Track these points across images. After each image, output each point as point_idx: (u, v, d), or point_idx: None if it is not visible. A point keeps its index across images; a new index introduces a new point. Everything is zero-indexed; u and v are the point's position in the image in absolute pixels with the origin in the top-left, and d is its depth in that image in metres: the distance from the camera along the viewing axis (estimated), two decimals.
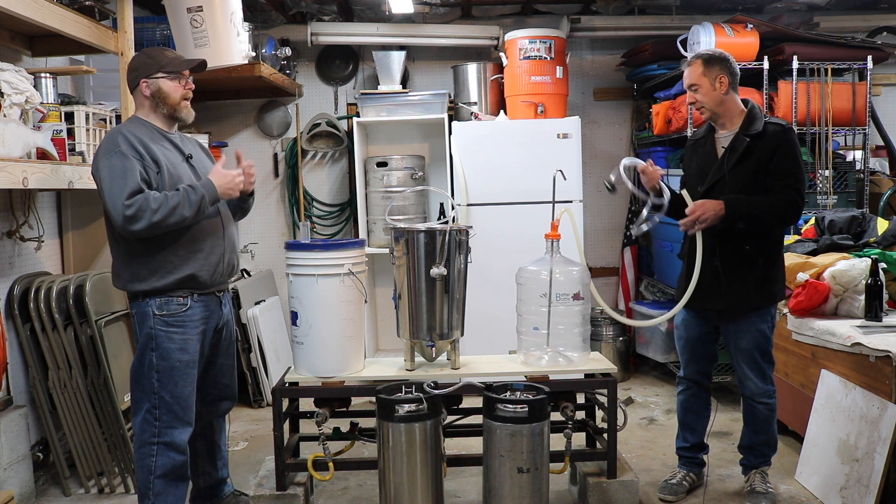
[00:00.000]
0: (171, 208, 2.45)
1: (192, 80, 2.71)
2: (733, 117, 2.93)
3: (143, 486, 2.61)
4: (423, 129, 5.07)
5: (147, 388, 2.59)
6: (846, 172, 4.47)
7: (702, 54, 2.93)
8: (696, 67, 2.90)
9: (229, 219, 2.79)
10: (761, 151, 2.84)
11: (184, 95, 2.66)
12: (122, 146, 2.48)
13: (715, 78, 2.87)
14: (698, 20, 4.67)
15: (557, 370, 2.90)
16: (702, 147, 3.03)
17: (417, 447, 2.55)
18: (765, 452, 3.08)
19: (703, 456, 3.23)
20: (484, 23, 5.23)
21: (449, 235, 2.80)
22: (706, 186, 2.93)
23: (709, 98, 2.89)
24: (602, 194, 5.44)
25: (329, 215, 5.37)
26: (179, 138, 2.74)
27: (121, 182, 2.44)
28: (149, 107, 2.65)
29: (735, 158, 2.87)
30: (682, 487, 3.14)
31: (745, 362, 2.98)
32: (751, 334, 2.95)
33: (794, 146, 2.86)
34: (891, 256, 3.34)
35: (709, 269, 2.89)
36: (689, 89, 2.94)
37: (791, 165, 2.84)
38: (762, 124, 2.87)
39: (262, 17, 4.97)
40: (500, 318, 3.78)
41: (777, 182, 2.83)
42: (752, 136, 2.85)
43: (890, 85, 5.43)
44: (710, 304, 2.96)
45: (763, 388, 2.98)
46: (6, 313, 3.20)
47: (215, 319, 2.75)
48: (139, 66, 2.64)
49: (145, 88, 2.62)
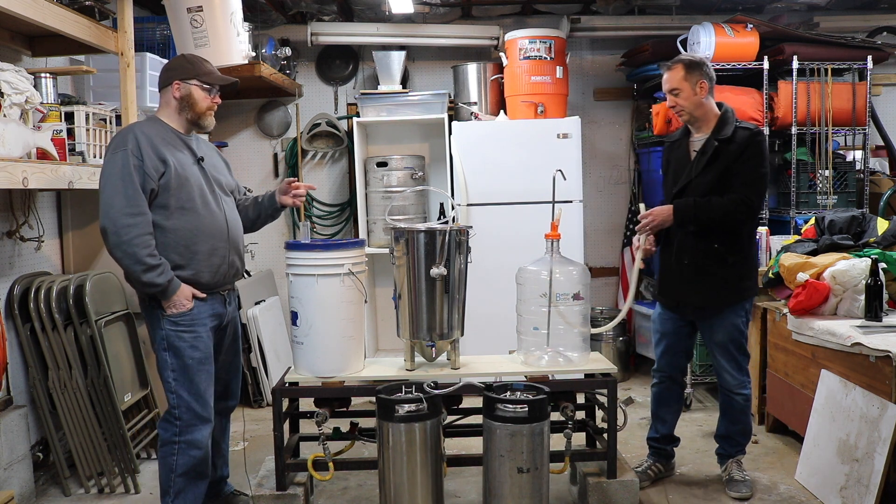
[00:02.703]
0: (139, 259, 2.46)
1: (219, 95, 2.74)
2: (709, 121, 3.02)
3: (165, 483, 2.67)
4: (423, 129, 5.07)
5: (166, 387, 2.66)
6: (846, 172, 4.47)
7: (683, 59, 3.01)
8: (677, 72, 2.98)
9: (235, 220, 2.79)
10: (729, 155, 2.94)
11: (210, 106, 2.70)
12: (129, 145, 2.52)
13: (696, 83, 2.96)
14: (698, 20, 4.67)
15: (557, 370, 2.90)
16: (677, 150, 3.14)
17: (417, 447, 2.55)
18: (740, 441, 3.22)
19: (671, 448, 3.35)
20: (484, 23, 5.23)
21: (449, 235, 2.80)
22: (678, 188, 3.05)
23: (689, 102, 2.98)
24: (602, 194, 5.46)
25: (329, 215, 5.37)
26: (195, 141, 2.76)
27: (118, 182, 2.48)
28: (174, 108, 2.68)
29: (704, 162, 2.98)
30: (647, 476, 3.25)
31: (722, 355, 3.10)
32: (725, 329, 3.06)
33: (761, 150, 2.96)
34: (891, 256, 3.34)
35: (680, 267, 3.05)
36: (669, 93, 3.02)
37: (754, 168, 2.94)
38: (732, 129, 2.96)
39: (262, 17, 4.96)
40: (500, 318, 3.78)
41: (737, 182, 2.93)
42: (722, 140, 2.95)
43: (890, 85, 5.43)
44: (684, 299, 3.09)
45: (739, 379, 3.11)
46: (6, 313, 3.20)
47: (220, 318, 2.77)
48: (177, 67, 2.68)
49: (176, 90, 2.65)
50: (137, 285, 2.59)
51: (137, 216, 2.48)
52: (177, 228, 2.58)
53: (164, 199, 2.56)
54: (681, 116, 3.05)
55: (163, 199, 2.56)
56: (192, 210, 2.60)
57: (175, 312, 2.59)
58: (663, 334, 3.23)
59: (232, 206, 2.81)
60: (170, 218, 2.57)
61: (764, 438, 3.75)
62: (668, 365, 3.24)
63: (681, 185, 3.03)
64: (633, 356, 5.13)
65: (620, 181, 5.43)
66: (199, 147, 2.77)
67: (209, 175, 2.72)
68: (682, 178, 3.04)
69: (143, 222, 2.50)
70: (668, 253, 3.10)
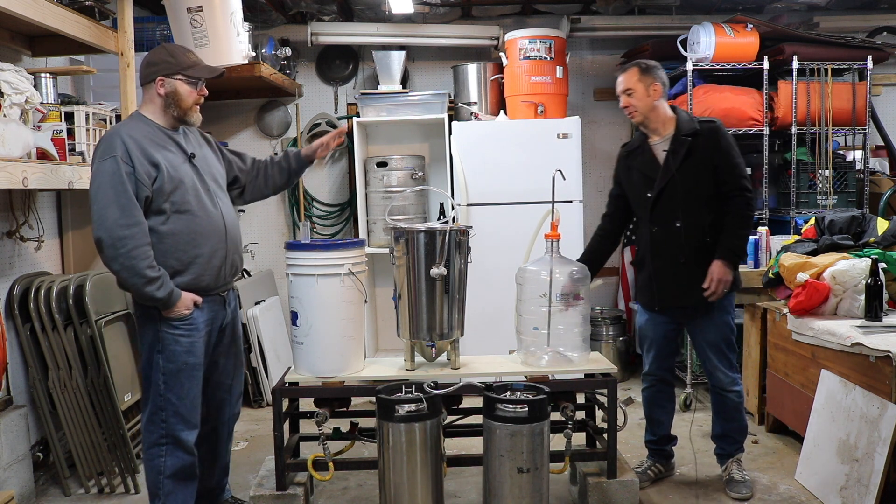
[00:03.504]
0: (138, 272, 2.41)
1: (205, 86, 2.65)
2: (665, 123, 3.08)
3: (154, 486, 2.61)
4: (423, 129, 5.07)
5: (153, 389, 2.58)
6: (846, 172, 4.47)
7: (639, 63, 3.09)
8: (632, 74, 3.06)
9: (232, 219, 2.72)
10: (702, 148, 3.01)
11: (196, 101, 2.60)
12: (118, 151, 2.43)
13: (649, 85, 3.03)
14: (698, 20, 4.67)
15: (557, 370, 2.90)
16: (639, 156, 3.15)
17: (417, 447, 2.55)
18: (737, 439, 3.22)
19: (670, 447, 3.36)
20: (484, 23, 5.23)
21: (449, 235, 2.80)
22: (656, 191, 3.05)
23: (642, 103, 3.04)
24: (602, 194, 5.43)
25: (329, 215, 5.37)
26: (184, 136, 2.65)
27: (111, 192, 2.40)
28: (159, 105, 2.57)
29: (679, 159, 3.01)
30: (647, 476, 3.26)
31: (714, 354, 3.12)
32: (717, 327, 3.09)
33: (729, 138, 3.06)
34: (891, 256, 3.34)
35: (675, 269, 3.06)
36: (623, 94, 3.08)
37: (733, 155, 3.03)
38: (696, 124, 3.04)
39: (262, 17, 4.97)
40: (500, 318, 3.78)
41: (726, 176, 3.00)
42: (690, 134, 3.01)
43: (890, 85, 5.43)
44: (679, 302, 3.10)
45: (731, 377, 3.13)
46: (6, 313, 3.20)
47: (219, 320, 2.72)
48: (159, 62, 2.55)
49: (160, 87, 2.55)
50: (136, 296, 2.53)
51: (133, 227, 2.40)
52: (175, 233, 2.51)
53: (159, 204, 2.48)
54: (633, 118, 3.08)
55: (158, 204, 2.48)
56: (188, 212, 2.53)
57: (175, 316, 2.54)
58: (653, 340, 3.23)
59: (227, 202, 2.73)
60: (166, 223, 2.50)
61: (764, 438, 3.75)
62: (659, 368, 3.25)
63: (659, 186, 3.03)
64: (633, 356, 5.12)
65: None
66: (189, 142, 2.65)
67: (202, 171, 2.62)
68: (657, 180, 3.04)
69: (140, 233, 2.42)
70: (658, 256, 3.08)
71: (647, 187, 3.08)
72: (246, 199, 3.00)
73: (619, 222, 3.31)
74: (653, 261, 3.12)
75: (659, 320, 3.19)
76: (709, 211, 3.03)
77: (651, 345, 3.25)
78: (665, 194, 3.04)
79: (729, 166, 3.00)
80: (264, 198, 3.05)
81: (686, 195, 3.01)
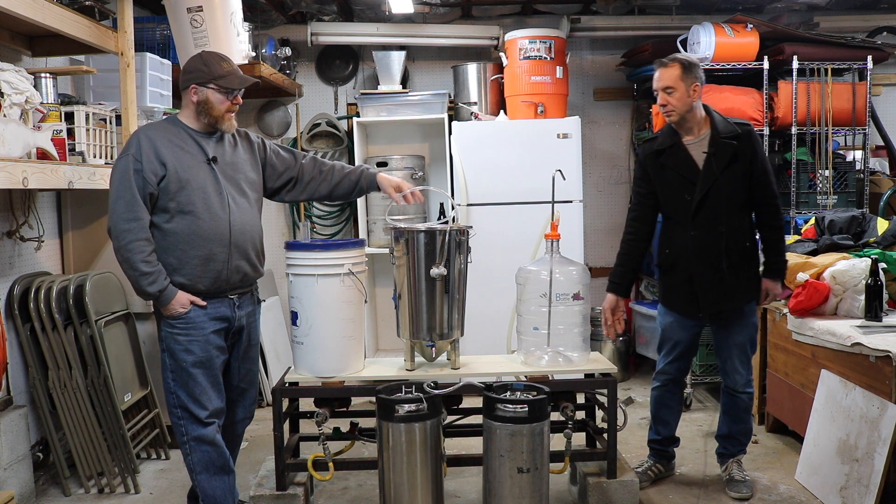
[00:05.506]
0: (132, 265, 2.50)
1: (241, 94, 2.68)
2: (699, 123, 2.99)
3: (195, 483, 2.70)
4: (423, 129, 5.07)
5: (165, 387, 2.67)
6: (846, 172, 4.47)
7: (680, 59, 2.95)
8: (674, 70, 2.91)
9: (243, 223, 2.68)
10: (744, 153, 2.94)
11: (228, 109, 2.64)
12: (132, 149, 2.55)
13: (690, 84, 2.92)
14: (698, 20, 4.67)
15: (557, 370, 2.90)
16: (673, 156, 3.00)
17: (417, 447, 2.55)
18: (742, 440, 3.22)
19: (672, 449, 3.34)
20: (484, 23, 5.23)
21: (449, 235, 2.80)
22: (700, 195, 2.93)
23: (682, 103, 2.93)
24: (602, 194, 5.46)
25: (329, 215, 5.37)
26: (216, 140, 2.68)
27: (120, 187, 2.53)
28: (192, 111, 2.65)
29: (724, 163, 2.92)
30: (647, 476, 3.24)
31: (738, 356, 3.09)
32: (746, 328, 3.08)
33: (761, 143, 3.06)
34: (891, 256, 3.34)
35: (720, 275, 2.97)
36: (663, 91, 2.93)
37: (766, 164, 3.01)
38: (733, 125, 2.97)
39: (262, 17, 4.97)
40: (500, 318, 3.79)
41: (762, 182, 2.97)
42: (732, 137, 2.93)
43: (890, 85, 5.43)
44: (720, 307, 3.03)
45: (747, 378, 3.12)
46: (6, 313, 3.20)
47: (229, 323, 2.70)
48: (193, 70, 2.62)
49: (193, 94, 2.61)
50: (134, 290, 2.61)
51: (133, 221, 2.50)
52: (175, 232, 2.56)
53: (165, 203, 2.56)
54: (669, 117, 2.96)
55: (163, 203, 2.56)
56: (191, 213, 2.56)
57: (170, 314, 2.59)
58: (678, 342, 3.15)
59: (245, 207, 2.70)
60: (170, 221, 2.56)
61: (764, 438, 3.75)
62: (677, 369, 3.20)
63: (703, 190, 2.92)
64: (633, 356, 5.13)
65: (620, 181, 5.43)
66: (220, 146, 2.68)
67: (222, 175, 2.64)
68: (699, 184, 2.93)
69: (139, 227, 2.50)
70: (699, 262, 2.97)
71: (684, 189, 2.96)
72: (298, 196, 3.00)
73: (649, 224, 3.13)
74: (691, 266, 3.00)
75: (688, 323, 3.11)
76: (746, 214, 3.01)
77: (675, 346, 3.17)
78: (709, 198, 2.93)
79: (764, 172, 2.97)
80: (322, 200, 3.05)
81: (729, 200, 2.94)
